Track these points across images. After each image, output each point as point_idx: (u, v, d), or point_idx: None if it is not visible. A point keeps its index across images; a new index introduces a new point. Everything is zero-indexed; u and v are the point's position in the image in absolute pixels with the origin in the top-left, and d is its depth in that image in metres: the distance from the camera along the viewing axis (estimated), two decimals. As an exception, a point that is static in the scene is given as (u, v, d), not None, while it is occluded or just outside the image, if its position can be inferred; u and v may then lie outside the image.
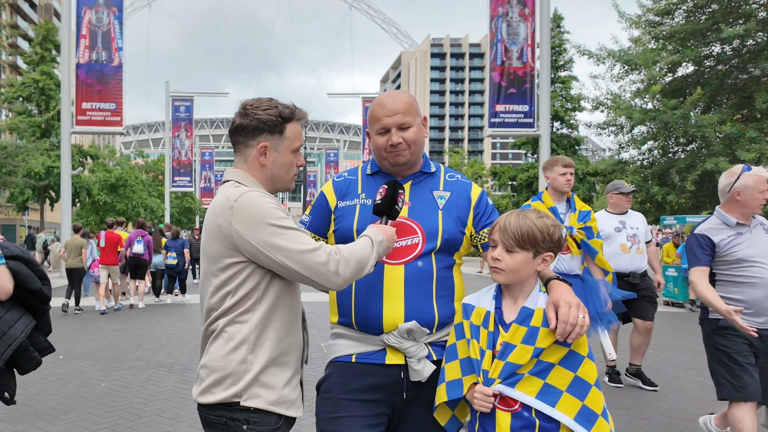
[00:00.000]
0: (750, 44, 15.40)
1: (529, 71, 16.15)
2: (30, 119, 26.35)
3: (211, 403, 1.70)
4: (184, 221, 42.18)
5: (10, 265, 2.33)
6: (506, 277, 1.76)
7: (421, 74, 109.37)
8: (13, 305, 2.35)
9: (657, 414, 4.59)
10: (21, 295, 2.36)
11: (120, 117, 18.35)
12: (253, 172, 1.80)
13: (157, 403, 4.94)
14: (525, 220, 1.75)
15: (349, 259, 1.67)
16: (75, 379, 5.77)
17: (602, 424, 1.66)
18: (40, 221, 27.82)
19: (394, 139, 1.88)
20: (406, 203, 1.94)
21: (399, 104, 1.90)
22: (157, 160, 38.52)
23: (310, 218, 2.07)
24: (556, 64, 27.20)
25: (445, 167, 2.11)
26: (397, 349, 1.85)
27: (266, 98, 1.82)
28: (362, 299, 1.88)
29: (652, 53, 16.36)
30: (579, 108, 27.20)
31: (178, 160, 31.86)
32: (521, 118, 16.17)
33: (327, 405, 1.88)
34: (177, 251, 12.64)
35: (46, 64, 27.71)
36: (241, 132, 1.79)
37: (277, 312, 1.74)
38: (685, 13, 16.50)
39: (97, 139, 60.94)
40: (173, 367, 6.29)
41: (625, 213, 5.45)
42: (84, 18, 18.13)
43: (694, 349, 7.21)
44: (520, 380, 1.67)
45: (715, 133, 15.25)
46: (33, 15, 59.71)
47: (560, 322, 1.64)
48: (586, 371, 1.69)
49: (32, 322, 2.42)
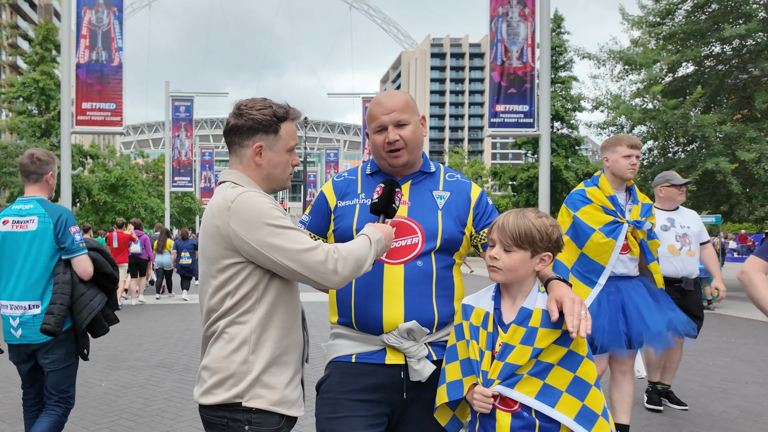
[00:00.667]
0: (750, 44, 15.39)
1: (529, 71, 16.15)
2: (30, 119, 26.32)
3: (212, 404, 1.70)
4: (184, 221, 42.16)
5: (90, 254, 3.14)
6: (504, 276, 1.76)
7: (421, 74, 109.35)
8: (92, 285, 3.15)
9: (657, 414, 4.59)
10: (98, 278, 3.17)
11: (120, 117, 18.33)
12: (249, 173, 1.80)
13: (157, 403, 4.94)
14: (523, 220, 1.74)
15: (348, 258, 1.67)
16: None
17: (602, 424, 1.66)
18: (40, 221, 27.76)
19: (390, 137, 1.89)
20: (405, 203, 1.94)
21: (395, 102, 1.91)
22: (157, 160, 38.48)
23: (310, 218, 2.07)
24: (556, 64, 27.20)
25: (445, 167, 2.11)
26: (396, 349, 1.85)
27: (260, 98, 1.82)
28: (362, 299, 1.88)
29: (653, 53, 16.36)
30: (579, 108, 27.21)
31: (178, 160, 31.86)
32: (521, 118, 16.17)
33: (327, 405, 1.88)
34: (189, 251, 13.01)
35: (46, 64, 27.69)
36: (236, 132, 1.79)
37: (277, 312, 1.74)
38: (686, 13, 16.50)
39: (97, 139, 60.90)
40: (173, 367, 6.29)
41: (676, 209, 4.75)
42: (84, 18, 18.13)
43: (694, 349, 7.20)
44: (520, 381, 1.67)
45: (715, 132, 15.23)
46: (33, 15, 59.74)
47: (567, 314, 1.63)
48: (586, 371, 1.69)
49: (105, 298, 3.19)
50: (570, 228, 3.50)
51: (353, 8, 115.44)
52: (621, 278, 3.46)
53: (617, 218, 3.42)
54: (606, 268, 3.38)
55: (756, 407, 4.74)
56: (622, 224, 3.40)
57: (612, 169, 3.56)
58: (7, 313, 3.01)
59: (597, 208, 3.45)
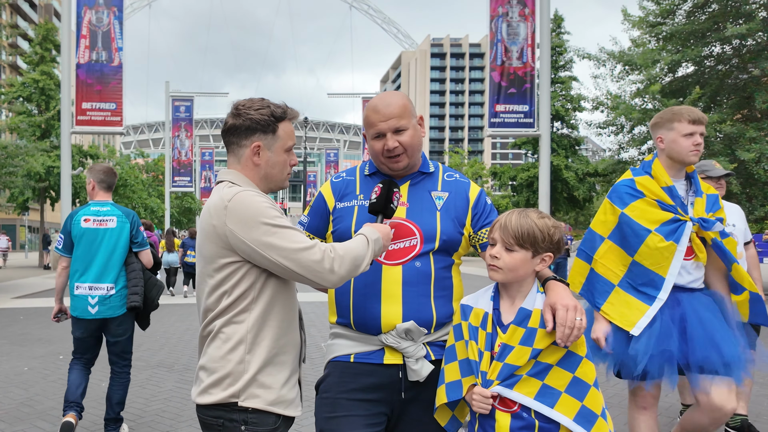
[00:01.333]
0: (750, 44, 15.40)
1: (529, 71, 16.15)
2: (30, 119, 26.32)
3: (209, 403, 1.70)
4: (184, 221, 42.17)
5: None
6: (504, 275, 1.76)
7: (421, 74, 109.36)
8: (150, 271, 4.07)
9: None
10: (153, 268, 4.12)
11: (120, 117, 18.35)
12: (246, 172, 1.80)
13: (157, 403, 4.94)
14: (526, 219, 1.74)
15: (345, 257, 1.67)
16: (75, 379, 5.77)
17: (602, 425, 1.66)
18: (40, 221, 27.79)
19: (389, 144, 1.88)
20: (404, 204, 1.93)
21: (393, 108, 1.89)
22: (157, 160, 38.50)
23: (309, 219, 2.06)
24: (556, 64, 27.21)
25: (444, 166, 2.10)
26: (395, 349, 1.85)
27: (258, 98, 1.82)
28: (360, 300, 1.88)
29: (652, 53, 16.36)
30: (579, 108, 27.22)
31: (178, 160, 31.88)
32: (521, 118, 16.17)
33: (325, 404, 1.89)
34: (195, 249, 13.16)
35: (46, 64, 27.68)
36: (234, 132, 1.78)
37: (273, 311, 1.74)
38: (686, 13, 16.50)
39: (97, 139, 60.94)
40: (173, 367, 6.28)
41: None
42: (84, 18, 18.14)
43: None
44: (519, 381, 1.67)
45: (716, 132, 15.23)
46: (33, 15, 59.76)
47: (559, 325, 1.64)
48: (585, 372, 1.68)
49: (162, 281, 4.12)
50: (615, 230, 2.76)
51: (353, 8, 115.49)
52: (683, 290, 2.72)
53: (678, 215, 2.68)
54: (667, 279, 2.66)
55: (756, 407, 4.74)
56: (685, 222, 2.67)
57: (668, 151, 2.77)
58: (86, 293, 3.75)
59: (651, 203, 2.71)
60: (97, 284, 3.76)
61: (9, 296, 13.92)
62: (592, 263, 2.81)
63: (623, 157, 19.68)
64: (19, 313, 10.70)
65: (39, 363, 6.49)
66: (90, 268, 3.78)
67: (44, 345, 7.54)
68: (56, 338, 7.97)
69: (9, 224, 45.76)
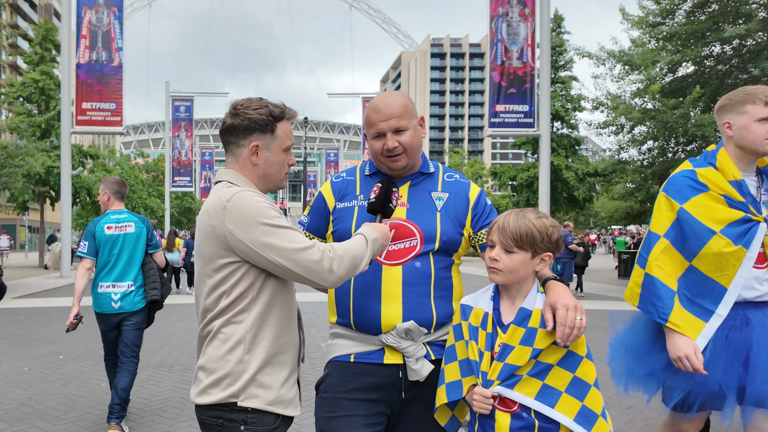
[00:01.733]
0: (750, 44, 15.40)
1: (529, 71, 16.16)
2: (30, 119, 26.30)
3: (208, 403, 1.69)
4: (184, 221, 42.16)
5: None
6: (504, 277, 1.75)
7: (421, 74, 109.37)
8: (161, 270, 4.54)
9: (657, 414, 4.58)
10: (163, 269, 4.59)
11: (120, 117, 18.37)
12: (245, 172, 1.80)
13: (157, 403, 4.94)
14: (524, 220, 1.74)
15: (343, 257, 1.66)
16: (75, 379, 5.77)
17: (602, 425, 1.66)
18: (40, 221, 27.78)
19: (389, 144, 1.88)
20: (404, 204, 1.93)
21: (393, 108, 1.89)
22: (157, 160, 38.51)
23: (309, 219, 2.06)
24: (556, 64, 27.18)
25: (444, 167, 2.10)
26: (395, 348, 1.85)
27: (256, 98, 1.82)
28: (360, 300, 1.88)
29: (652, 53, 16.36)
30: (579, 108, 27.19)
31: (178, 160, 31.90)
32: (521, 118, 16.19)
33: (325, 404, 1.89)
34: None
35: (46, 64, 27.66)
36: (233, 132, 1.78)
37: (272, 311, 1.73)
38: (686, 13, 16.50)
39: (97, 139, 60.97)
40: (173, 367, 6.28)
41: None
42: (84, 18, 18.14)
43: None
44: (519, 381, 1.67)
45: (715, 132, 15.23)
46: (33, 15, 59.76)
47: (559, 325, 1.64)
48: (585, 371, 1.68)
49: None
50: (672, 227, 2.29)
51: (353, 8, 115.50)
52: (751, 305, 2.25)
53: (750, 213, 2.23)
54: (729, 290, 2.20)
55: (756, 407, 4.73)
56: (758, 223, 2.22)
57: (738, 139, 2.29)
58: (109, 291, 4.19)
59: (717, 199, 2.26)
60: (119, 282, 4.21)
61: (9, 296, 13.90)
62: (646, 266, 2.28)
63: (623, 157, 19.68)
64: (19, 313, 10.70)
65: (39, 363, 6.49)
66: (114, 269, 4.23)
67: (44, 345, 7.54)
68: (56, 338, 7.97)
69: (9, 224, 45.76)
